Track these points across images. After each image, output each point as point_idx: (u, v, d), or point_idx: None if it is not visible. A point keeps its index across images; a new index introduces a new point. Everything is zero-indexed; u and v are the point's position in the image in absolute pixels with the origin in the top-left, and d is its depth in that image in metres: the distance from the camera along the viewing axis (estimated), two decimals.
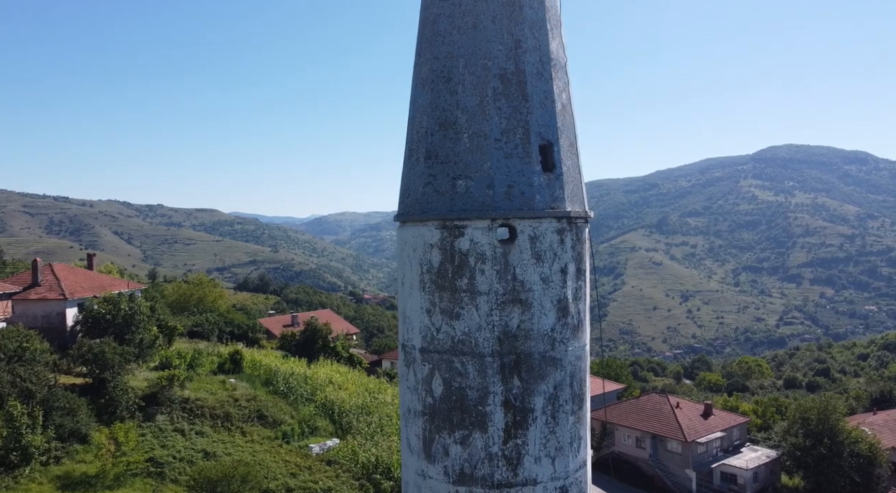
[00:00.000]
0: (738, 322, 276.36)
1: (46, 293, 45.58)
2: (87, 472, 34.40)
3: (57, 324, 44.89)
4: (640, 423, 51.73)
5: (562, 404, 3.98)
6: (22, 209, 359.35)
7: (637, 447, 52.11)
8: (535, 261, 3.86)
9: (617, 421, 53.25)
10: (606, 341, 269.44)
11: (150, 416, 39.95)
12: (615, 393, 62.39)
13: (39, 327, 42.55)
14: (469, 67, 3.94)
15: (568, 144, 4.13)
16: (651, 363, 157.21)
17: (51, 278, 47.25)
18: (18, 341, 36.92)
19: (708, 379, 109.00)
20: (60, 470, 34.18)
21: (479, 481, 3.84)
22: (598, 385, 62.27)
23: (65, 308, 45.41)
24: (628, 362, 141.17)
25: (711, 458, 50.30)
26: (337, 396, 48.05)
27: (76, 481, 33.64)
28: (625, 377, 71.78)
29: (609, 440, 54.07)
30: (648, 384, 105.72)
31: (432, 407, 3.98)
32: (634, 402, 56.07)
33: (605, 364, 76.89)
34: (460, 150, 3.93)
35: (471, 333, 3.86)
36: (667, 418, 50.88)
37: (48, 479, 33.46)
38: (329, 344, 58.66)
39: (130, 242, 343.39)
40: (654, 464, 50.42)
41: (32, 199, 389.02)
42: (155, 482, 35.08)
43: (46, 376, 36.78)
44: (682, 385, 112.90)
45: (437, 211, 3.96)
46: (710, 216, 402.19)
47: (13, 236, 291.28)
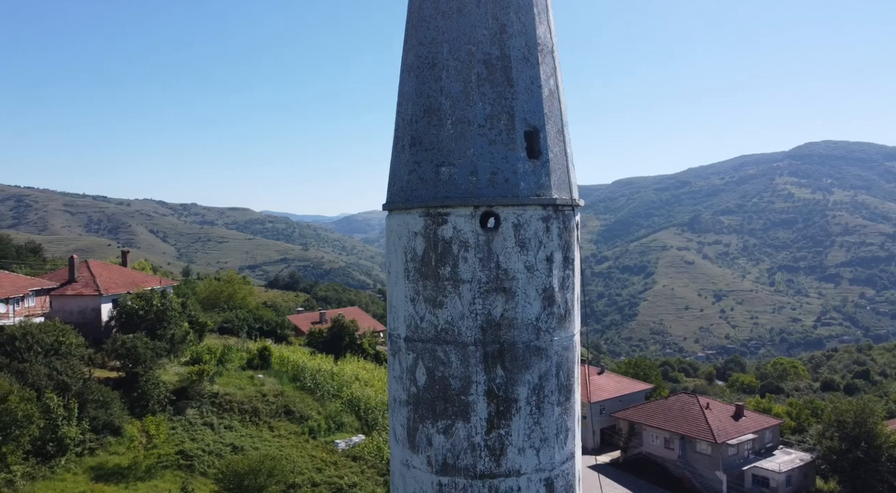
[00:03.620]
0: (773, 323, 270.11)
1: (82, 289, 46.84)
2: (119, 463, 35.31)
3: (92, 319, 46.11)
4: (669, 423, 50.92)
5: (547, 395, 3.91)
6: (63, 208, 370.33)
7: (665, 447, 51.31)
8: (519, 249, 3.80)
9: (645, 421, 52.51)
10: (636, 340, 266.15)
11: (181, 410, 40.82)
12: (643, 393, 61.51)
13: (75, 322, 43.75)
14: (453, 53, 3.89)
15: (555, 130, 4.05)
16: (682, 364, 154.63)
17: (86, 274, 48.53)
18: (55, 336, 38.02)
19: (741, 380, 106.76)
20: (94, 461, 35.15)
21: (461, 471, 3.80)
22: (625, 385, 61.62)
23: (100, 304, 46.61)
24: (658, 362, 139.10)
25: (742, 460, 49.25)
26: (363, 392, 48.43)
27: (109, 472, 34.55)
28: (654, 378, 70.68)
29: (637, 440, 53.35)
30: (679, 385, 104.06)
31: (416, 396, 3.95)
32: (663, 402, 55.22)
33: (634, 364, 75.90)
34: (444, 136, 3.88)
35: (454, 321, 3.81)
36: (696, 418, 49.99)
37: (83, 470, 34.42)
38: (356, 341, 59.10)
39: (165, 240, 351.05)
40: (682, 465, 49.59)
41: (72, 198, 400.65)
42: (184, 474, 35.83)
43: (81, 370, 37.82)
44: (714, 386, 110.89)
45: (420, 199, 3.92)
46: (744, 214, 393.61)
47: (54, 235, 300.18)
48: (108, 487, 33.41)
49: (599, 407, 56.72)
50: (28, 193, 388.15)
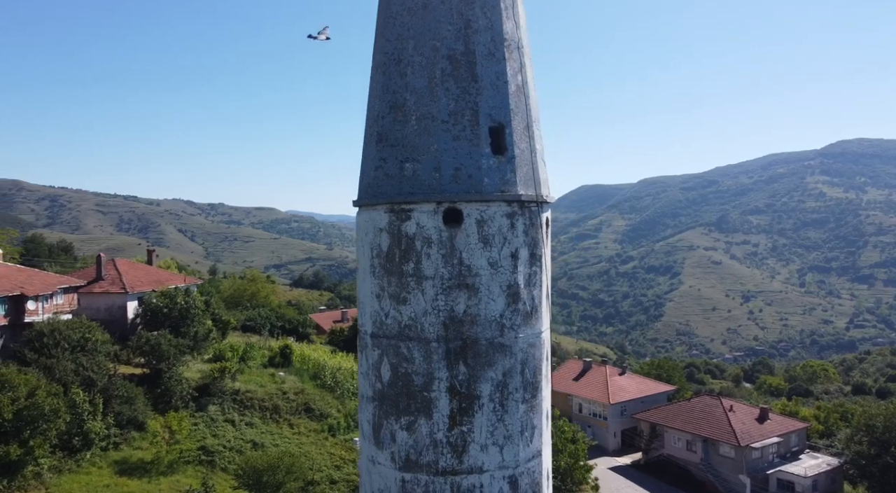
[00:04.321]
0: (803, 324, 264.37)
1: (109, 287, 47.85)
2: (143, 458, 36.00)
3: (118, 316, 47.05)
4: (691, 426, 50.19)
5: (512, 392, 3.88)
6: (95, 208, 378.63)
7: (688, 450, 50.59)
8: (482, 245, 3.78)
9: (666, 423, 51.84)
10: (662, 341, 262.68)
11: (203, 406, 41.44)
12: (666, 395, 60.73)
13: (102, 319, 44.69)
14: (418, 49, 3.89)
15: (523, 126, 4.02)
16: (708, 365, 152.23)
17: (113, 272, 49.56)
18: (82, 332, 38.86)
19: (769, 383, 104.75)
20: (119, 455, 35.88)
21: (424, 467, 3.79)
22: (648, 386, 60.89)
23: (126, 301, 47.55)
24: (683, 363, 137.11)
25: (767, 464, 48.34)
26: None
27: (133, 466, 35.24)
28: (677, 379, 69.70)
29: (658, 441, 52.70)
30: (705, 387, 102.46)
31: (381, 393, 3.95)
32: (685, 404, 54.45)
33: (657, 365, 74.97)
34: (408, 132, 3.88)
35: (417, 318, 3.81)
36: (719, 421, 49.20)
37: (107, 464, 35.17)
38: None
39: (193, 240, 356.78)
40: (705, 468, 48.85)
41: (104, 198, 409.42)
42: (206, 469, 36.38)
43: (107, 366, 38.60)
44: (741, 389, 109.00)
45: (385, 195, 3.92)
46: (774, 214, 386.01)
47: (87, 234, 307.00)
48: (131, 481, 34.09)
49: (620, 408, 56.14)
50: (62, 194, 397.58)
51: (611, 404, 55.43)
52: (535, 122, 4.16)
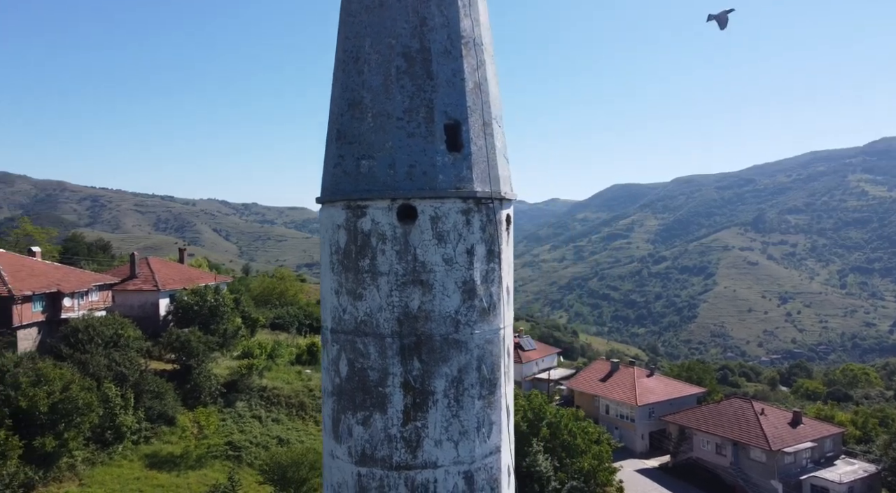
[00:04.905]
0: (844, 327, 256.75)
1: (142, 285, 49.12)
2: (172, 452, 36.89)
3: (151, 313, 48.27)
4: (721, 429, 49.22)
5: (467, 388, 3.89)
6: (133, 208, 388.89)
7: (717, 453, 49.64)
8: (436, 242, 3.80)
9: (695, 426, 50.95)
10: (696, 343, 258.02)
11: (231, 402, 42.27)
12: (695, 397, 59.67)
13: (135, 315, 45.91)
14: (375, 46, 3.93)
15: (481, 123, 4.02)
16: (743, 368, 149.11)
17: (146, 270, 50.86)
18: (115, 329, 40.01)
19: (806, 387, 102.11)
20: (149, 449, 36.83)
21: (378, 462, 3.83)
22: (676, 388, 59.93)
23: (158, 299, 48.75)
24: (717, 365, 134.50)
25: (800, 469, 47.13)
26: None
27: (163, 460, 36.14)
28: (708, 381, 68.40)
29: (687, 444, 51.82)
30: (739, 390, 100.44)
31: (339, 387, 4.00)
32: (715, 406, 53.42)
33: (687, 367, 73.70)
34: (365, 130, 3.92)
35: (372, 313, 3.85)
36: (750, 424, 48.14)
37: (138, 457, 36.13)
38: None
39: (228, 239, 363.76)
40: (735, 473, 47.86)
41: (142, 198, 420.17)
42: (232, 464, 37.10)
43: (139, 362, 39.67)
44: (776, 392, 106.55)
45: (343, 192, 3.97)
46: (813, 213, 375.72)
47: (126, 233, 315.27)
48: (161, 474, 34.95)
49: (648, 410, 55.36)
50: (103, 194, 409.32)
51: (638, 406, 54.70)
52: (495, 119, 4.16)
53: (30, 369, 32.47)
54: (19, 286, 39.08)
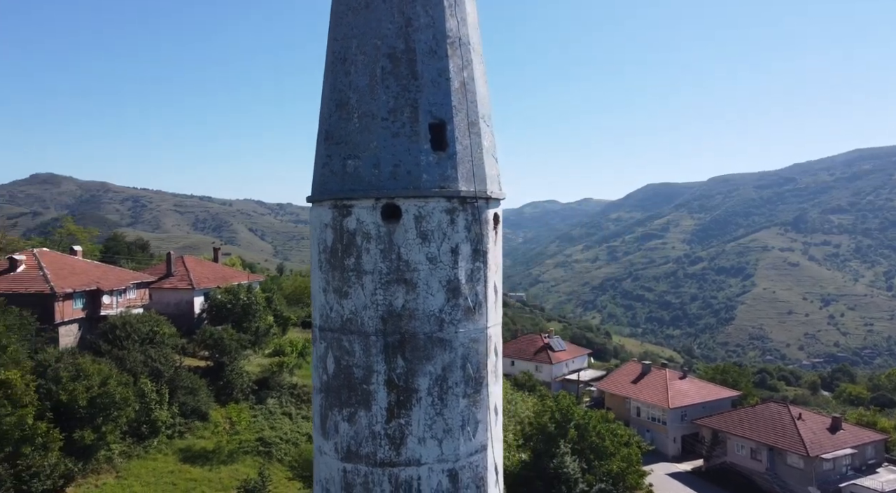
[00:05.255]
0: (891, 330, 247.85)
1: (177, 283, 50.31)
2: (205, 447, 37.70)
3: (186, 311, 49.40)
4: (756, 433, 48.09)
5: (451, 387, 3.90)
6: (173, 208, 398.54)
7: (752, 458, 48.51)
8: (420, 241, 3.82)
9: (729, 430, 49.89)
10: (733, 345, 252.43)
11: (262, 399, 43.02)
12: (730, 400, 58.39)
13: (171, 313, 47.04)
14: (361, 47, 3.97)
15: (466, 123, 4.03)
16: (782, 372, 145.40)
17: (182, 269, 52.08)
18: (150, 326, 41.08)
19: (849, 392, 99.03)
20: (183, 444, 37.71)
21: (363, 458, 3.87)
22: (710, 391, 58.74)
23: (192, 297, 49.87)
24: (755, 369, 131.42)
25: (840, 476, 45.73)
26: None
27: (196, 454, 36.96)
28: (744, 385, 66.83)
29: (720, 449, 50.76)
30: (778, 394, 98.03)
31: (326, 384, 4.06)
32: (750, 410, 52.21)
33: (722, 370, 72.17)
34: (351, 130, 3.97)
35: (357, 312, 3.89)
36: (786, 429, 46.91)
37: (172, 451, 37.03)
38: None
39: (263, 239, 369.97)
40: (771, 478, 46.69)
41: (181, 199, 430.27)
42: (263, 460, 37.73)
43: (173, 358, 40.67)
44: (817, 397, 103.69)
45: (330, 191, 4.03)
46: (858, 213, 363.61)
47: (166, 233, 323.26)
48: (194, 468, 35.75)
49: (680, 413, 54.41)
50: (144, 194, 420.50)
51: (670, 409, 53.80)
52: (482, 118, 4.16)
53: (70, 365, 33.56)
54: (61, 284, 40.44)
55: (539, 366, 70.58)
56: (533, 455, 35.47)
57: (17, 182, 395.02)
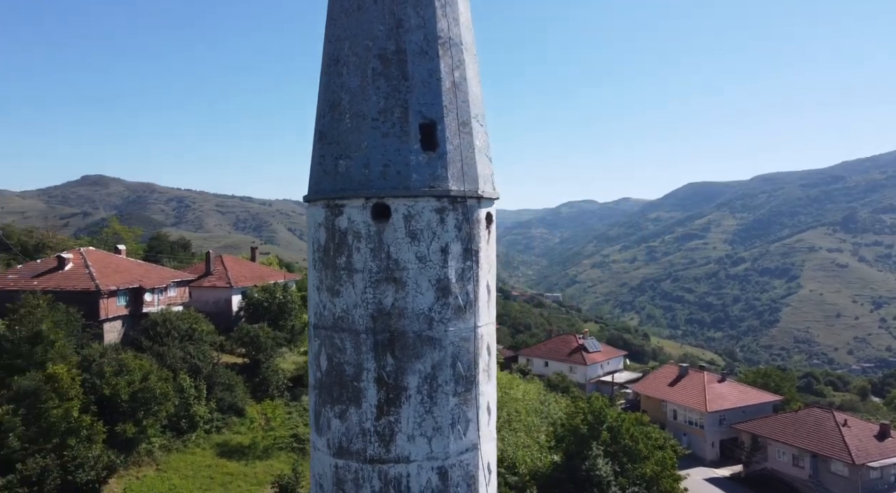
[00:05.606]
0: None
1: (216, 282, 51.49)
2: (241, 442, 38.49)
3: (223, 309, 50.52)
4: (799, 439, 46.62)
5: (441, 385, 3.92)
6: (215, 208, 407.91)
7: (794, 465, 47.06)
8: (409, 240, 3.85)
9: (770, 435, 48.49)
10: (777, 349, 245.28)
11: (297, 396, 43.68)
12: (771, 405, 56.76)
13: (209, 311, 48.17)
14: (353, 49, 4.02)
15: (458, 123, 4.04)
16: (830, 376, 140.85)
17: (220, 268, 53.28)
18: (190, 323, 42.14)
19: None
20: (220, 439, 38.57)
21: (354, 455, 3.92)
22: (750, 395, 57.20)
23: (230, 295, 50.96)
24: (800, 373, 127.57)
25: (888, 486, 44.01)
26: None
27: (232, 449, 37.76)
28: (787, 389, 64.84)
29: (761, 454, 49.40)
30: (825, 399, 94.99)
31: (320, 381, 4.13)
32: (793, 415, 50.64)
33: (764, 374, 70.23)
34: (343, 130, 4.02)
35: (348, 310, 3.94)
36: (830, 436, 45.36)
37: (210, 445, 37.90)
38: None
39: (302, 238, 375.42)
40: (813, 486, 45.22)
41: (223, 199, 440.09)
42: (297, 456, 38.30)
43: (211, 355, 41.62)
44: (867, 403, 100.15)
45: (323, 191, 4.09)
46: None
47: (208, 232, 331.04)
48: (230, 463, 36.53)
49: (719, 417, 53.13)
50: (187, 195, 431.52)
51: (708, 413, 52.60)
52: (475, 118, 4.17)
53: (113, 360, 34.69)
54: (105, 282, 41.84)
55: (573, 367, 69.84)
56: (565, 457, 35.12)
57: (69, 183, 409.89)
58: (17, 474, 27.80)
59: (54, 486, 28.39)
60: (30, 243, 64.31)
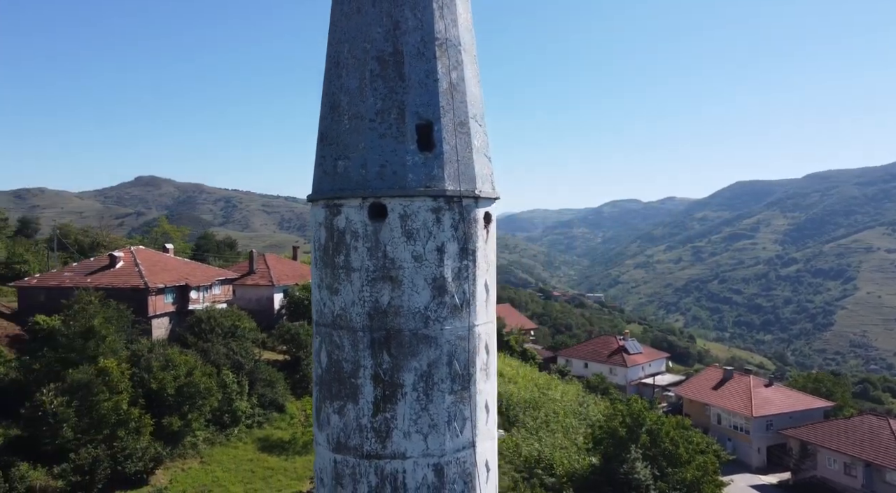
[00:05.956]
0: None
1: (259, 280, 52.65)
2: (281, 437, 39.26)
3: (266, 307, 51.62)
4: (851, 447, 44.84)
5: (437, 383, 3.94)
6: (261, 208, 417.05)
7: (846, 474, 45.27)
8: (405, 239, 3.89)
9: (820, 442, 46.78)
10: (832, 353, 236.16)
11: None
12: (821, 411, 54.72)
13: (252, 308, 49.30)
14: (352, 51, 4.08)
15: (455, 123, 4.06)
16: (888, 383, 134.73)
17: (263, 267, 54.46)
18: (233, 320, 43.20)
19: None
20: (261, 433, 39.43)
21: (351, 450, 3.99)
22: (799, 400, 55.26)
23: (272, 293, 52.04)
24: (855, 378, 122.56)
25: None
26: (506, 388, 48.81)
27: (273, 444, 38.56)
28: (839, 395, 62.43)
29: (810, 462, 47.69)
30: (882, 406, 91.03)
31: (320, 378, 4.21)
32: (845, 422, 48.72)
33: (815, 379, 67.74)
34: (342, 131, 4.09)
35: (346, 308, 4.01)
36: (886, 444, 43.47)
37: (251, 440, 38.80)
38: (503, 338, 59.69)
39: None
40: None
41: (269, 199, 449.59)
42: None
43: (253, 352, 42.58)
44: None
45: (323, 191, 4.17)
46: None
47: (254, 232, 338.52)
48: (271, 457, 37.31)
49: (765, 422, 51.52)
50: (234, 195, 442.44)
51: (754, 418, 51.07)
52: (473, 118, 4.18)
53: (160, 355, 35.85)
54: (154, 280, 43.28)
55: (613, 369, 68.77)
56: (602, 459, 34.67)
57: (123, 184, 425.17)
58: (70, 463, 29.02)
59: (104, 475, 29.52)
60: (85, 242, 67.11)
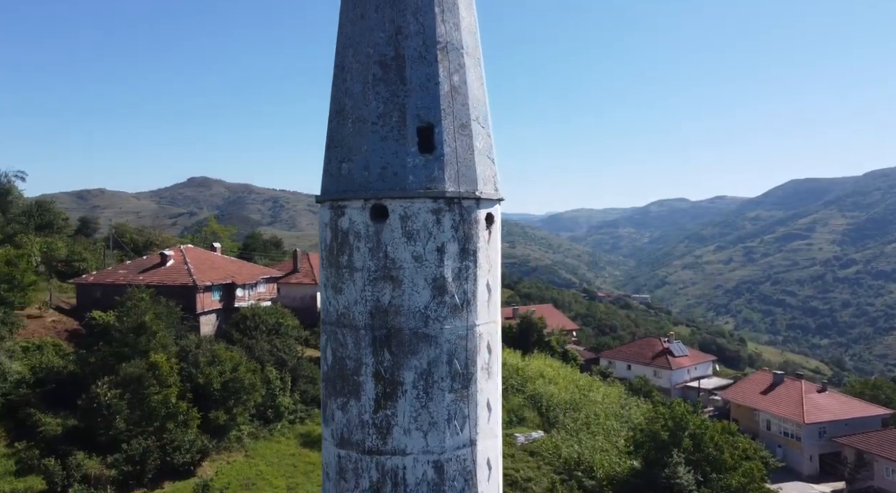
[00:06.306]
0: None
1: (302, 278, 53.73)
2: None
3: (308, 305, 52.64)
4: None
5: (437, 381, 4.01)
6: (307, 208, 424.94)
7: None
8: (406, 240, 3.97)
9: (878, 451, 44.85)
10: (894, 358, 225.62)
11: None
12: (879, 419, 52.42)
13: (295, 306, 50.37)
14: (356, 56, 4.19)
15: (457, 125, 4.11)
16: None
17: (306, 265, 55.55)
18: (276, 318, 44.27)
19: None
20: (303, 429, 40.27)
21: (354, 445, 4.09)
22: (855, 407, 53.09)
23: (315, 292, 52.97)
24: None
25: None
26: (546, 389, 48.50)
27: (314, 439, 39.29)
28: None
29: (866, 471, 45.77)
30: None
31: (326, 374, 4.33)
32: None
33: (873, 385, 64.90)
34: (346, 134, 4.21)
35: (349, 306, 4.12)
36: None
37: (294, 435, 39.67)
38: (543, 338, 59.31)
39: None
40: None
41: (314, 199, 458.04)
42: None
43: (296, 349, 43.54)
44: None
45: (329, 193, 4.30)
46: None
47: (300, 231, 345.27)
48: (312, 453, 38.05)
49: (818, 429, 49.67)
50: (282, 195, 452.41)
51: (805, 424, 49.30)
52: (476, 120, 4.23)
53: (207, 351, 37.04)
54: (202, 277, 44.71)
55: (657, 371, 67.43)
56: (644, 463, 34.08)
57: (176, 185, 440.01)
58: (122, 453, 30.30)
59: (154, 466, 30.71)
60: (139, 241, 69.83)
